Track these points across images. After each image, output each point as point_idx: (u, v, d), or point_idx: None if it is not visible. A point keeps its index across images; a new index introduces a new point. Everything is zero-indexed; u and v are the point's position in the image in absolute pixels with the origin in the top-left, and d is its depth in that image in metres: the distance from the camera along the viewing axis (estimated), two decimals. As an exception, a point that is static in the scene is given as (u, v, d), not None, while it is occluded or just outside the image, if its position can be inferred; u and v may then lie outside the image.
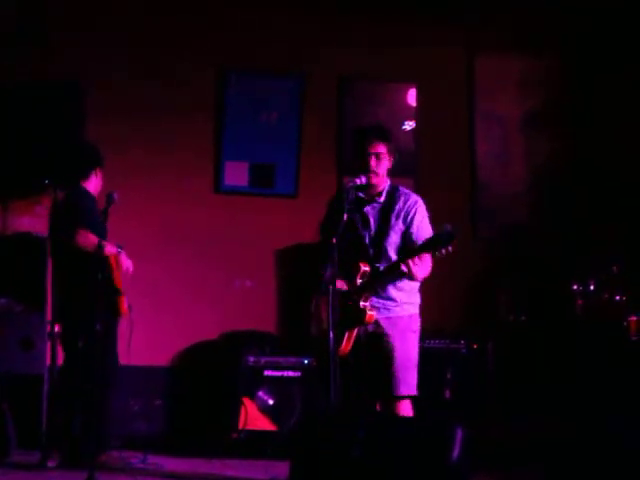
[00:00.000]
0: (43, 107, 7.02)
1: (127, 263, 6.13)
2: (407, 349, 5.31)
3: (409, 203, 5.33)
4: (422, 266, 5.11)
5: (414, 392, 5.31)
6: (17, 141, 6.97)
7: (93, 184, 6.30)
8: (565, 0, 7.83)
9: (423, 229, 5.29)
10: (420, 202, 5.37)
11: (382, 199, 5.36)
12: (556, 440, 6.44)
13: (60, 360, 6.41)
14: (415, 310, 5.40)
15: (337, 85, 7.82)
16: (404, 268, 5.06)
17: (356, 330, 5.24)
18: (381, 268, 5.24)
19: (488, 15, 7.82)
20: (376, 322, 5.30)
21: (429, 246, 4.99)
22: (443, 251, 4.95)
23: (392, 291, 5.32)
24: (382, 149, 5.30)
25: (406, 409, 5.28)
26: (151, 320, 7.31)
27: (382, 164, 5.31)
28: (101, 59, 7.38)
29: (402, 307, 5.34)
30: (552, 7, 7.82)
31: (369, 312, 5.20)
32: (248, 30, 7.66)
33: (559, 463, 6.08)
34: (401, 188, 5.43)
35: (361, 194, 5.36)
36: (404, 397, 5.27)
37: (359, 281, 5.23)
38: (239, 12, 7.65)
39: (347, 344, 5.21)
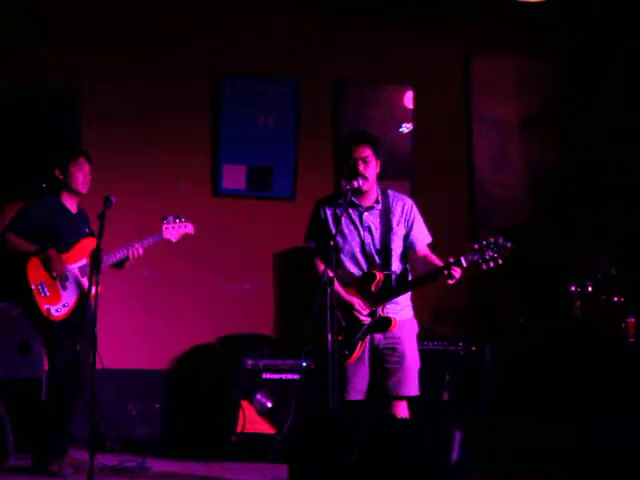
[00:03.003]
0: (41, 113, 7.01)
1: (58, 267, 6.06)
2: (413, 351, 5.39)
3: (407, 208, 5.40)
4: None
5: (418, 392, 5.37)
6: (15, 145, 6.96)
7: (71, 181, 6.21)
8: (562, 3, 7.84)
9: (421, 232, 5.41)
10: (414, 204, 5.46)
11: (380, 206, 5.39)
12: (555, 442, 6.44)
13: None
14: (412, 313, 5.48)
15: (334, 88, 7.82)
16: (455, 274, 5.12)
17: (367, 338, 5.27)
18: (393, 275, 5.30)
19: (485, 18, 7.81)
20: None
21: (487, 258, 5.12)
22: (492, 264, 5.04)
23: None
24: (368, 152, 5.33)
25: (404, 409, 5.32)
26: (149, 324, 7.33)
27: (370, 167, 5.34)
28: (99, 62, 7.38)
29: (404, 309, 5.41)
30: (549, 10, 7.82)
31: (394, 320, 5.26)
32: (245, 34, 7.66)
33: (558, 465, 6.08)
34: (390, 191, 5.47)
35: (356, 201, 5.38)
36: (409, 397, 5.32)
37: (374, 289, 5.25)
38: (236, 16, 7.65)
39: (358, 352, 5.25)
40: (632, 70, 7.78)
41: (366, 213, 5.40)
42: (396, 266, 5.34)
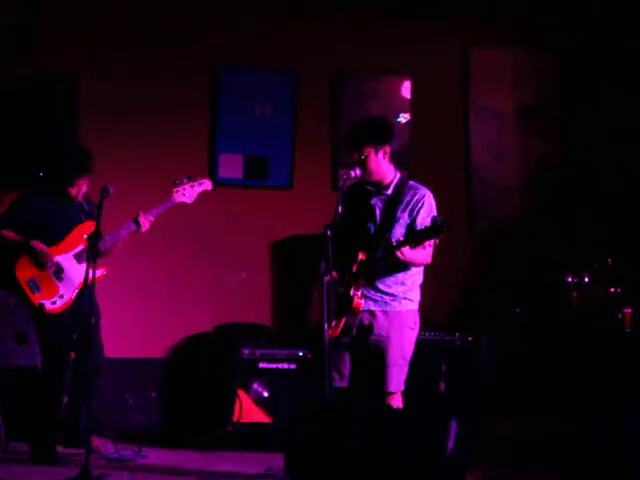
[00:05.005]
0: (39, 101, 7.00)
1: (41, 255, 6.02)
2: (401, 345, 5.32)
3: (417, 197, 5.33)
4: (419, 252, 5.14)
5: (401, 388, 5.31)
6: (12, 134, 6.95)
7: (68, 191, 6.19)
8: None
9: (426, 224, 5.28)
10: (428, 196, 5.38)
11: (389, 191, 5.37)
12: (551, 432, 6.46)
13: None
14: (414, 306, 5.41)
15: (331, 78, 7.81)
16: (400, 255, 5.08)
17: (344, 318, 5.24)
18: (378, 255, 5.24)
19: (484, 8, 7.80)
20: (373, 314, 5.32)
21: (419, 237, 5.01)
22: (432, 241, 4.98)
23: (392, 285, 5.33)
24: (367, 151, 5.31)
25: (396, 402, 5.29)
26: (146, 313, 7.33)
27: (370, 162, 5.32)
28: (97, 54, 7.36)
29: (400, 302, 5.34)
30: (549, 2, 7.83)
31: (356, 300, 5.20)
32: (243, 24, 7.65)
33: (555, 456, 6.09)
34: (410, 182, 5.43)
35: (369, 187, 5.38)
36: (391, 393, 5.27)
37: (355, 269, 5.23)
38: (234, 6, 7.64)
39: (334, 331, 5.20)
40: (629, 66, 7.78)
41: (374, 198, 5.39)
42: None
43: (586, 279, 7.03)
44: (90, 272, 5.49)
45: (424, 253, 5.19)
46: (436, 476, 4.39)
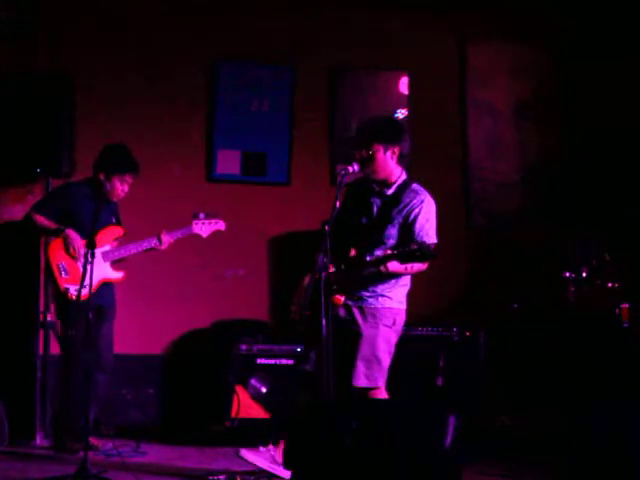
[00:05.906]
0: (36, 97, 7.00)
1: (75, 244, 6.21)
2: (374, 342, 5.26)
3: (415, 201, 5.30)
4: (406, 268, 5.14)
5: (375, 385, 5.26)
6: (8, 130, 6.95)
7: (109, 188, 6.33)
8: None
9: (425, 230, 5.27)
10: (427, 202, 5.33)
11: (390, 192, 5.36)
12: (547, 428, 6.46)
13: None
14: (394, 304, 5.35)
15: (329, 73, 7.81)
16: (383, 269, 5.10)
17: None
18: (368, 258, 5.24)
19: (482, 4, 7.80)
20: (349, 309, 5.30)
21: (403, 257, 5.01)
22: (416, 267, 5.03)
23: (372, 281, 5.29)
24: (376, 149, 5.30)
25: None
26: (144, 309, 7.33)
27: (377, 159, 5.31)
28: (95, 50, 7.37)
29: (377, 299, 5.31)
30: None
31: (337, 296, 5.19)
32: (240, 19, 7.65)
33: (550, 450, 6.10)
34: (414, 185, 5.39)
35: (374, 185, 5.38)
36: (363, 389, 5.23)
37: (344, 267, 5.23)
38: (233, 4, 7.64)
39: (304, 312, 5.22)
40: (626, 60, 7.78)
41: (374, 197, 5.39)
42: (382, 253, 5.21)
43: (584, 274, 7.02)
44: (88, 272, 5.58)
45: (411, 269, 5.19)
46: (434, 471, 4.40)
